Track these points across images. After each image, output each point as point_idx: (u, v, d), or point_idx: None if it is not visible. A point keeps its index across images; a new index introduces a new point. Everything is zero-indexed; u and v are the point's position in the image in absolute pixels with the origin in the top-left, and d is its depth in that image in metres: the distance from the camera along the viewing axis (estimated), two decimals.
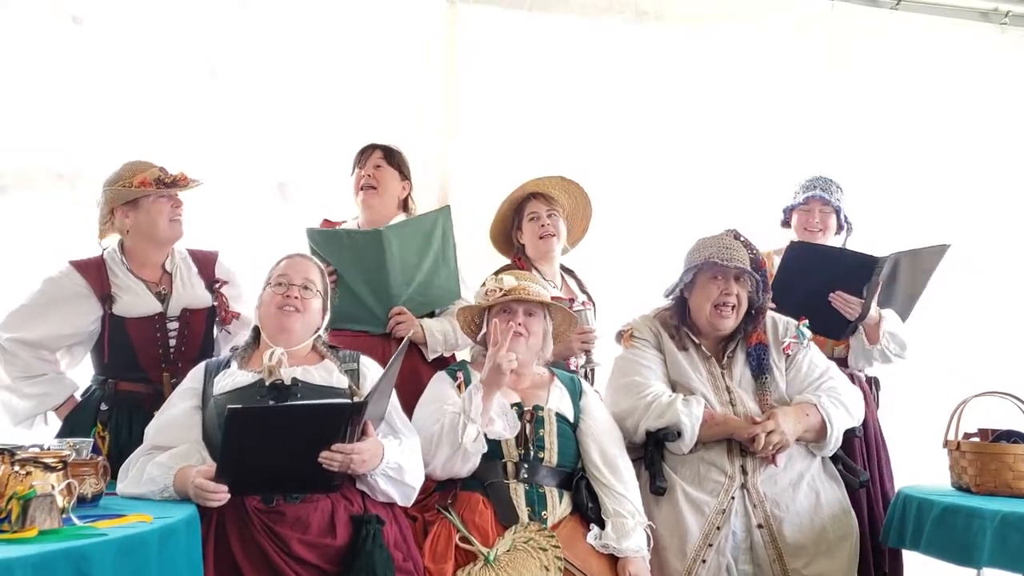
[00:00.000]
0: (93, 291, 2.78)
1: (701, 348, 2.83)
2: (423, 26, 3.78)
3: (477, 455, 2.48)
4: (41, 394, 2.80)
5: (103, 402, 2.80)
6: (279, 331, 2.42)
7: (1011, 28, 4.34)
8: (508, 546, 2.39)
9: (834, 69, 4.16)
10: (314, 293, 2.47)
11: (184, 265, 2.92)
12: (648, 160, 3.95)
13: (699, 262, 2.76)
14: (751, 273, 2.75)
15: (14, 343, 2.76)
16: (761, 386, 2.77)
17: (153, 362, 2.81)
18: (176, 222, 2.85)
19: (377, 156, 3.09)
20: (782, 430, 2.63)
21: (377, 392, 2.25)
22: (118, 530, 1.76)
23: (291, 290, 2.43)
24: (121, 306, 2.80)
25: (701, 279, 2.78)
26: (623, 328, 2.92)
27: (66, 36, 3.47)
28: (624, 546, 2.46)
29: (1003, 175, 4.29)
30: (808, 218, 3.37)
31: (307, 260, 2.55)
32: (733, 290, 2.75)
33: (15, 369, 2.77)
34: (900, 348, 3.18)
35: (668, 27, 4.03)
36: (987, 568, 2.40)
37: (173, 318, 2.85)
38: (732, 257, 2.73)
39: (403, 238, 2.92)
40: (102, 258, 2.85)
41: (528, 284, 2.66)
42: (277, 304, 2.43)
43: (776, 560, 2.59)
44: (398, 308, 2.92)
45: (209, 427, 2.33)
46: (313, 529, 2.21)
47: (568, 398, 2.68)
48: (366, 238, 2.91)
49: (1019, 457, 2.55)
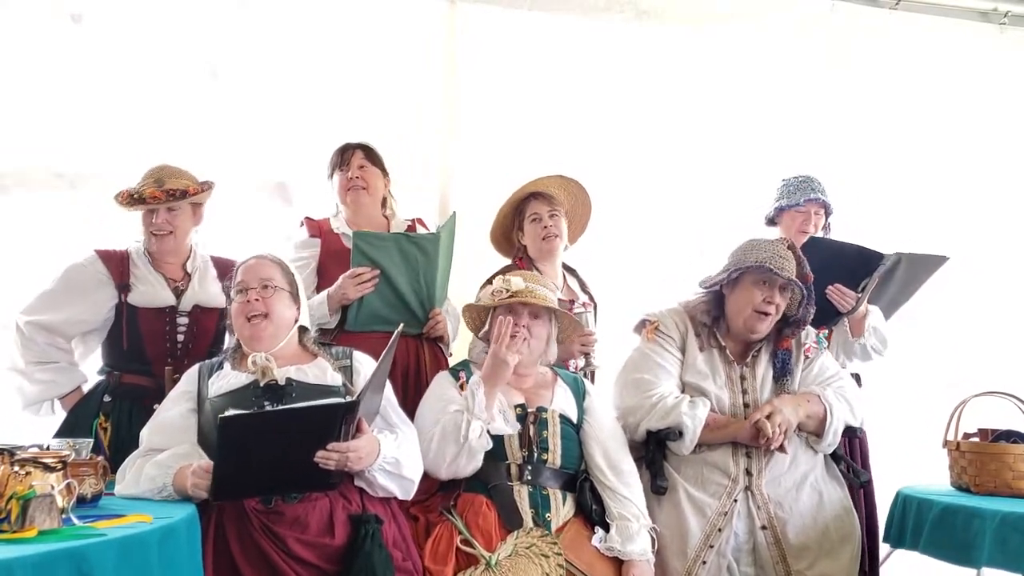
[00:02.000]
0: (112, 279, 2.87)
1: (725, 351, 2.79)
2: (423, 26, 3.78)
3: (482, 452, 2.48)
4: (50, 381, 2.87)
5: (107, 393, 2.85)
6: (252, 340, 2.40)
7: (1010, 28, 4.35)
8: (510, 551, 2.37)
9: (834, 69, 4.16)
10: (274, 289, 2.44)
11: (204, 267, 2.99)
12: (648, 159, 3.95)
13: (751, 263, 2.71)
14: (801, 287, 2.73)
15: (33, 326, 2.83)
16: (780, 388, 2.76)
17: (159, 355, 2.85)
18: (157, 237, 2.90)
19: (360, 156, 3.10)
20: (780, 410, 2.61)
21: (370, 388, 2.24)
22: (118, 530, 1.75)
23: (250, 294, 2.41)
24: (136, 295, 2.88)
25: (746, 280, 2.74)
26: (648, 317, 2.86)
27: (65, 35, 3.47)
28: (629, 549, 2.46)
29: (1002, 175, 4.29)
30: (804, 220, 3.38)
31: (262, 260, 2.50)
32: (776, 299, 2.72)
33: (31, 353, 2.85)
34: (882, 345, 3.18)
35: (668, 27, 4.03)
36: (987, 568, 2.41)
37: (184, 313, 2.90)
38: (784, 267, 2.70)
39: (445, 241, 2.96)
40: (127, 250, 2.95)
41: (536, 287, 2.65)
42: (242, 313, 2.41)
43: (780, 561, 2.59)
44: (437, 309, 2.96)
45: (205, 429, 2.32)
46: (312, 529, 2.21)
47: (572, 399, 2.67)
48: (426, 241, 2.93)
49: (1019, 457, 2.56)
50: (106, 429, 2.77)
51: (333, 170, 3.13)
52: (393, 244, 2.91)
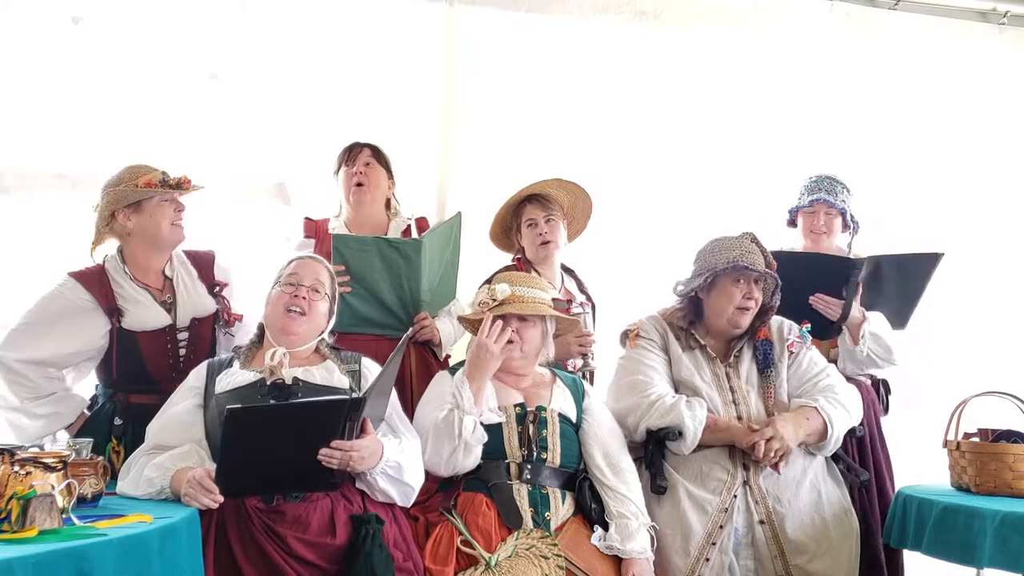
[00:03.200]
0: (99, 304, 2.72)
1: (707, 350, 2.83)
2: (421, 27, 3.78)
3: (479, 445, 2.48)
4: (52, 414, 2.73)
5: (116, 416, 2.75)
6: (283, 333, 2.43)
7: (1010, 28, 4.34)
8: (510, 552, 2.38)
9: (833, 69, 4.15)
10: (323, 296, 2.49)
11: (184, 270, 2.89)
12: (647, 160, 3.95)
13: (724, 265, 2.75)
14: (774, 276, 2.77)
15: (22, 364, 2.68)
16: (766, 381, 2.79)
17: (163, 373, 2.77)
18: (178, 226, 2.83)
19: (366, 154, 3.11)
20: (781, 436, 2.62)
21: (376, 390, 2.26)
22: (118, 530, 1.75)
23: (300, 290, 2.44)
24: (130, 320, 2.75)
25: (723, 281, 2.78)
26: (628, 328, 2.92)
27: (66, 37, 3.46)
28: (628, 547, 2.47)
29: (1002, 175, 4.29)
30: (813, 220, 3.36)
31: (318, 262, 2.56)
32: (755, 294, 2.77)
33: (23, 390, 2.69)
34: (884, 351, 3.15)
35: (667, 27, 4.03)
36: (987, 568, 2.41)
37: (183, 328, 2.83)
38: (755, 262, 2.75)
39: (433, 246, 2.96)
40: (102, 267, 2.80)
41: (524, 290, 2.65)
42: (284, 304, 2.44)
43: (778, 556, 2.60)
44: (423, 313, 2.95)
45: (210, 426, 2.34)
46: (313, 528, 2.21)
47: (570, 398, 2.68)
48: (408, 246, 2.92)
49: (1019, 457, 2.56)
50: (119, 453, 2.66)
51: (340, 166, 3.14)
52: (374, 249, 2.90)
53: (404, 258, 2.89)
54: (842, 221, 3.38)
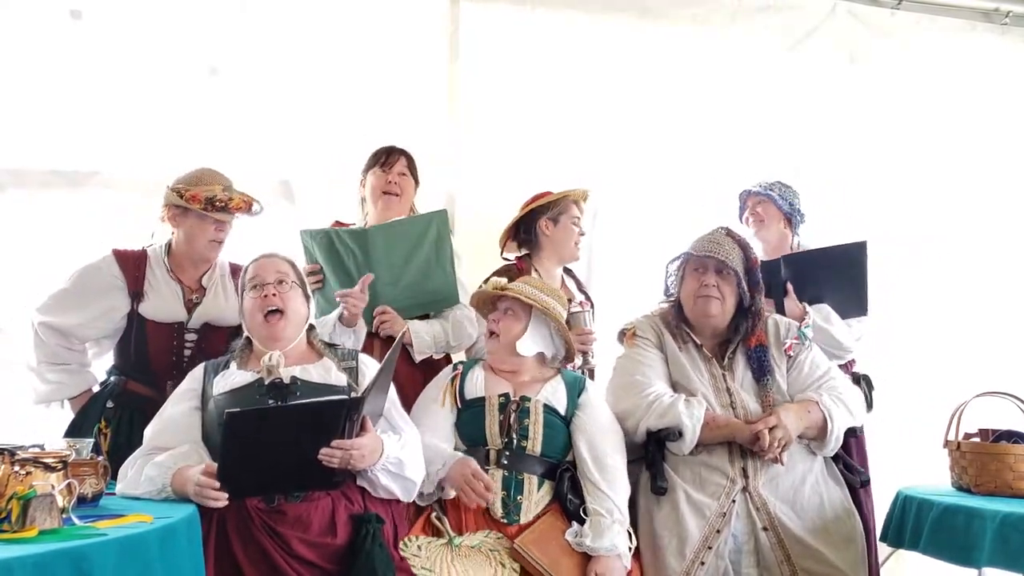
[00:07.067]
0: (126, 284, 2.82)
1: (702, 349, 2.83)
2: (426, 23, 3.76)
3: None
4: (58, 383, 2.85)
5: (110, 398, 2.82)
6: (269, 340, 2.42)
7: (1012, 28, 4.34)
8: (476, 543, 2.43)
9: (836, 68, 4.15)
10: (290, 284, 2.46)
11: (221, 280, 2.95)
12: (652, 157, 3.94)
13: (683, 255, 2.83)
14: (730, 266, 2.76)
15: (45, 328, 2.81)
16: (763, 387, 2.77)
17: (164, 369, 2.82)
18: (215, 244, 2.88)
19: (402, 164, 3.14)
20: (784, 425, 2.62)
21: (374, 388, 2.25)
22: (118, 530, 1.75)
23: (267, 288, 2.43)
24: (147, 306, 2.83)
25: (686, 274, 2.85)
26: (625, 327, 2.93)
27: (65, 32, 3.44)
28: (596, 544, 2.46)
29: (1003, 175, 4.29)
30: (748, 214, 3.50)
31: (273, 257, 2.53)
32: (712, 281, 2.77)
33: (41, 353, 2.83)
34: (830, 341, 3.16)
35: (671, 25, 4.02)
36: (987, 568, 2.41)
37: (192, 329, 2.87)
38: (712, 250, 2.77)
39: (390, 239, 2.93)
40: (145, 252, 2.90)
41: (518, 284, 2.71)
42: (259, 307, 2.42)
43: (784, 561, 2.58)
44: (382, 307, 2.92)
45: (209, 428, 2.33)
46: (313, 528, 2.21)
47: (564, 393, 2.69)
48: (353, 238, 2.92)
49: (1019, 457, 2.55)
50: (106, 435, 2.74)
51: (372, 167, 3.14)
52: (328, 241, 2.92)
53: (353, 249, 2.90)
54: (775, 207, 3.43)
